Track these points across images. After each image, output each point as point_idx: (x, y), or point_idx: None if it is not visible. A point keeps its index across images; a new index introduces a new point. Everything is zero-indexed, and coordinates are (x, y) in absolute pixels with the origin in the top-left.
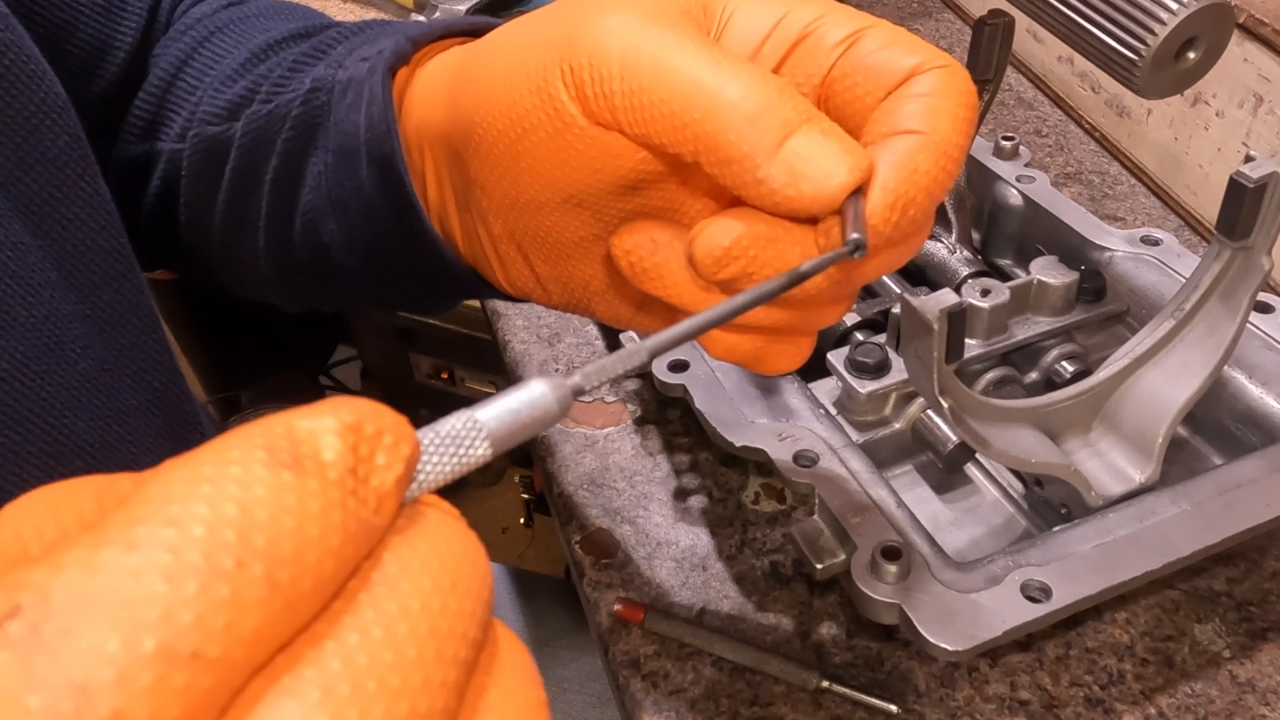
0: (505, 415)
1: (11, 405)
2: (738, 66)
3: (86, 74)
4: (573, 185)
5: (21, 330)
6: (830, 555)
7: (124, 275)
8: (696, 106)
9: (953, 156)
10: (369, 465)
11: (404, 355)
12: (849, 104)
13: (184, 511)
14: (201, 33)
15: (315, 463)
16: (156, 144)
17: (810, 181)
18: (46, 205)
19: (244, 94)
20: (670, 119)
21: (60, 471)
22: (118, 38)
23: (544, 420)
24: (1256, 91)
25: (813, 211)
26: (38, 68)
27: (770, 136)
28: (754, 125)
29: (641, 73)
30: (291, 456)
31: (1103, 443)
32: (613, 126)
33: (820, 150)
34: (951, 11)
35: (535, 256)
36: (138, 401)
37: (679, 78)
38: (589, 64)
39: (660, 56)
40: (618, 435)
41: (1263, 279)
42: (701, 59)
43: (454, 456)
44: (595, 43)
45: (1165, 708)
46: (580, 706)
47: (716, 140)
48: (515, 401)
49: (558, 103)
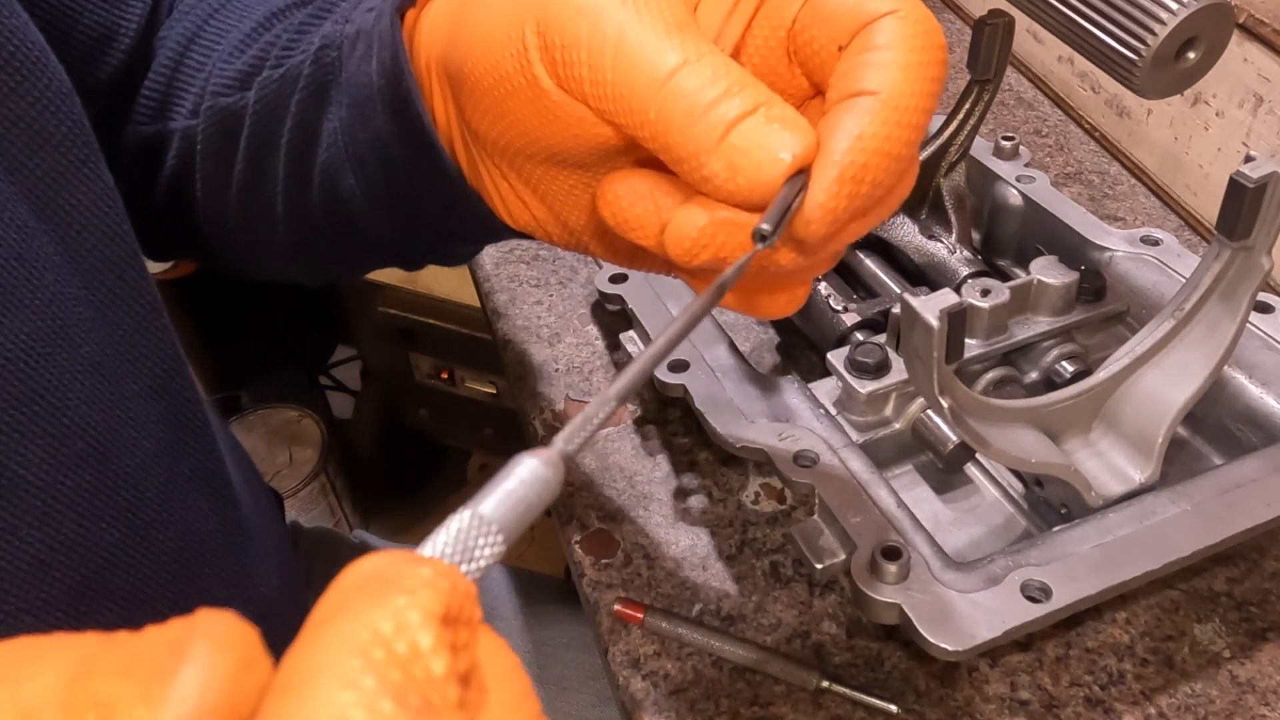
0: (508, 501)
1: (16, 386)
2: (694, 60)
3: (92, 60)
4: (554, 145)
5: (26, 312)
6: (830, 555)
7: (127, 261)
8: (650, 105)
9: (908, 109)
10: (460, 655)
11: (404, 355)
12: (810, 58)
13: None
14: (205, 10)
15: (439, 692)
16: (168, 124)
17: (745, 174)
18: (51, 190)
19: (254, 62)
20: (630, 113)
21: (63, 452)
22: (123, 23)
23: (544, 493)
24: (1256, 91)
25: (754, 202)
26: (42, 54)
27: (712, 134)
28: (698, 125)
29: (604, 64)
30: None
31: (1103, 443)
32: (583, 102)
33: (758, 141)
34: (951, 11)
35: (530, 200)
36: (139, 387)
37: (637, 74)
38: (560, 44)
39: (622, 48)
40: (618, 435)
41: (1263, 279)
42: (661, 51)
43: (474, 563)
44: (566, 24)
45: (1165, 708)
46: (580, 706)
47: (667, 140)
48: (512, 484)
49: (534, 72)
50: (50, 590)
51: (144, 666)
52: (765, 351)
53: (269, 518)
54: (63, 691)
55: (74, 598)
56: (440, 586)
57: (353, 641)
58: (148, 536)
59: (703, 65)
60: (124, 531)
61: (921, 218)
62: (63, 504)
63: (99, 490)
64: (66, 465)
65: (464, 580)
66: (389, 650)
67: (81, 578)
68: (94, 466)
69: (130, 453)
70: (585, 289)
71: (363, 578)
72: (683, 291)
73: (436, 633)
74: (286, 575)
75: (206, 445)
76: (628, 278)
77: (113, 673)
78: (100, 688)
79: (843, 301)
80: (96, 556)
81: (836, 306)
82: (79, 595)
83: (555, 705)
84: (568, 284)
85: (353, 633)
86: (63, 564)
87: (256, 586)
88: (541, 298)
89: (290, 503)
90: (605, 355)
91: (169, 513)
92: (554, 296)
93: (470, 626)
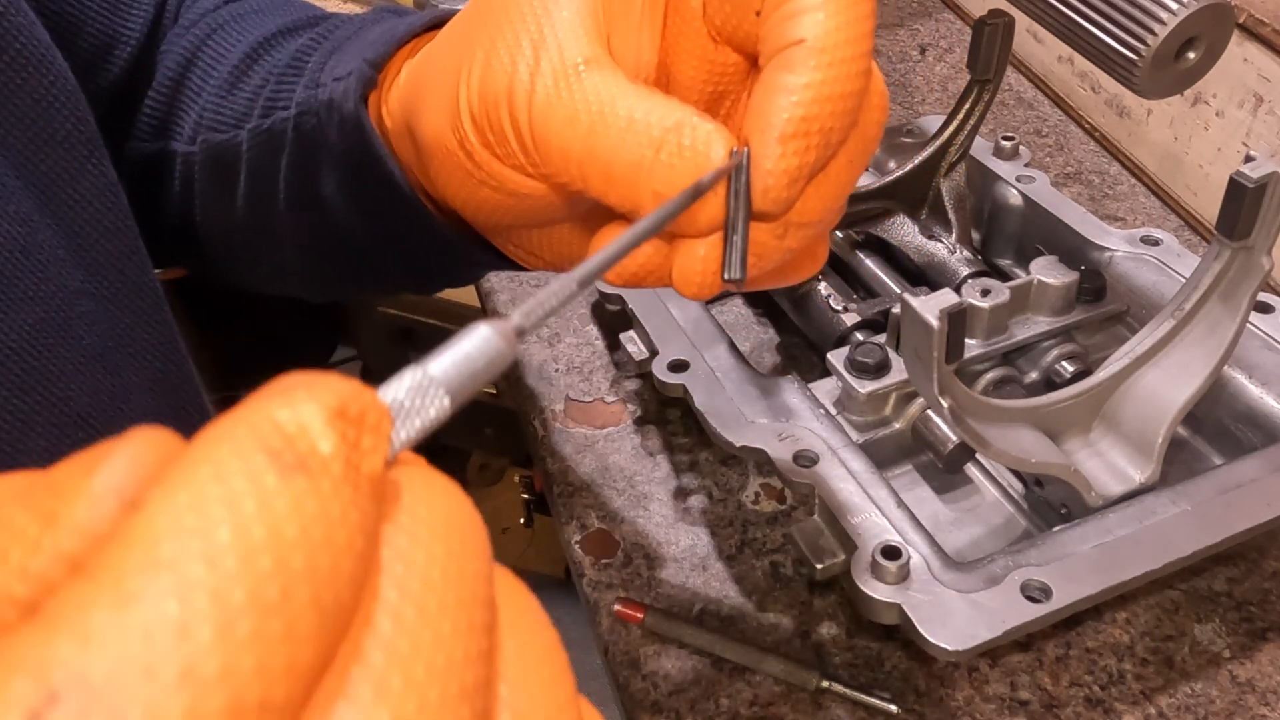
0: (457, 364)
1: (20, 376)
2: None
3: (94, 68)
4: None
5: (30, 303)
6: (830, 555)
7: (130, 255)
8: (570, 168)
9: (839, 45)
10: (359, 451)
11: (404, 355)
12: (733, 34)
13: (209, 544)
14: (204, 30)
15: (319, 461)
16: (170, 144)
17: (681, 220)
18: (56, 184)
19: (244, 105)
20: (558, 174)
21: (65, 442)
22: (125, 33)
23: (495, 363)
24: (1256, 91)
25: (699, 232)
26: (47, 52)
27: (643, 189)
28: (624, 187)
29: (524, 135)
30: (296, 458)
31: (1103, 443)
32: (519, 170)
33: (676, 179)
34: (951, 11)
35: (535, 254)
36: (140, 379)
37: (566, 139)
38: (485, 116)
39: (534, 118)
40: (618, 435)
41: (1263, 279)
42: (567, 113)
43: (418, 416)
44: (486, 92)
45: (1165, 708)
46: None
47: (604, 199)
48: (463, 349)
49: (473, 150)
50: None
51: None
52: (765, 351)
53: None
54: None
55: None
56: (341, 390)
57: (244, 418)
58: None
59: (605, 114)
60: None
61: (921, 218)
62: None
63: None
64: (68, 456)
65: (370, 394)
66: (276, 425)
67: None
68: None
69: None
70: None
71: (273, 385)
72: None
73: (327, 418)
74: None
75: None
76: None
77: (62, 468)
78: (50, 477)
79: (843, 301)
80: None
81: (836, 306)
82: None
83: None
84: None
85: (246, 414)
86: None
87: None
88: None
89: None
90: (605, 355)
91: None
92: None
93: (376, 433)
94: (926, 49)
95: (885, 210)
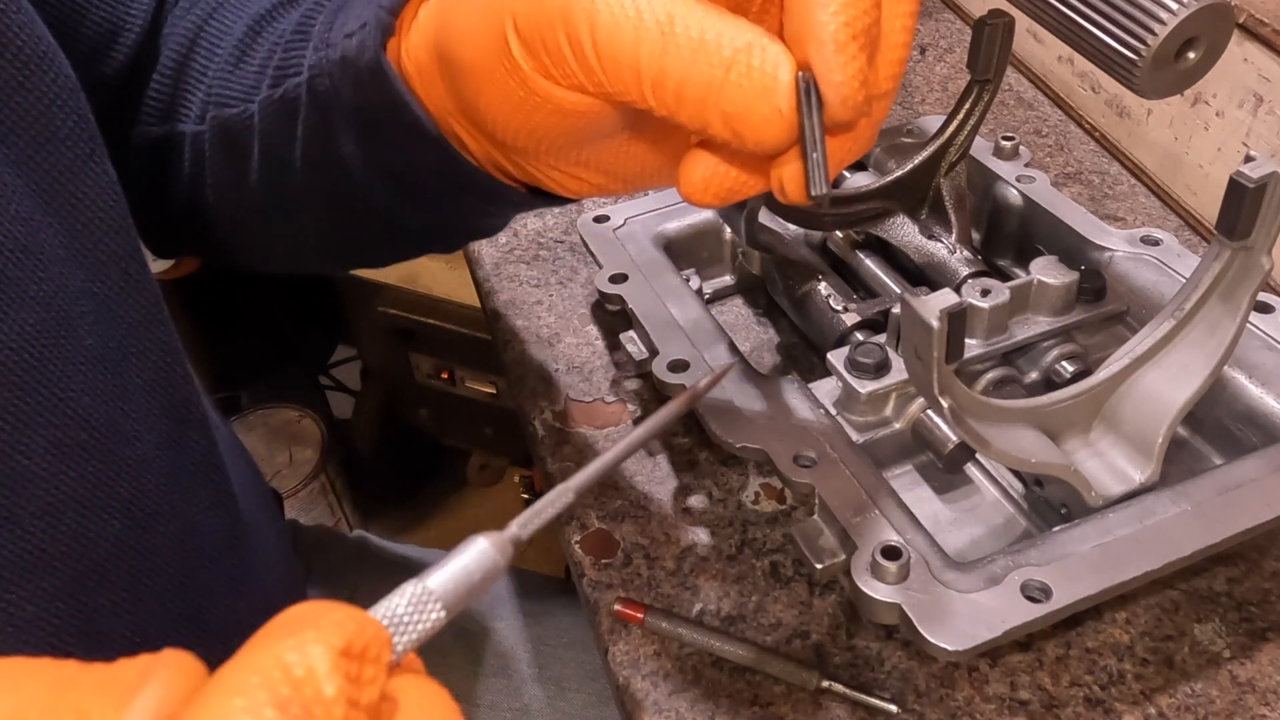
0: (455, 578)
1: (20, 376)
2: (668, 28)
3: (98, 56)
4: (570, 130)
5: (32, 304)
6: (830, 555)
7: (130, 255)
8: (644, 87)
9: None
10: (360, 685)
11: (404, 355)
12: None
13: None
14: (205, 10)
15: (323, 708)
16: (177, 125)
17: (750, 140)
18: (57, 184)
19: (252, 79)
20: (630, 95)
21: (66, 443)
22: (128, 20)
23: (491, 575)
24: (1256, 91)
25: (768, 151)
26: (49, 50)
27: (712, 109)
28: (694, 106)
29: (587, 55)
30: (302, 709)
31: (1103, 443)
32: (580, 91)
33: (747, 100)
34: (951, 11)
35: (583, 173)
36: (141, 380)
37: (622, 61)
38: (541, 41)
39: (599, 35)
40: (618, 435)
41: (1263, 279)
42: (635, 31)
43: (415, 629)
44: (540, 17)
45: (1165, 708)
46: (580, 706)
47: (673, 117)
48: (461, 563)
49: (526, 76)
50: (52, 580)
51: (116, 684)
52: (765, 351)
53: (268, 515)
54: (47, 699)
55: (75, 588)
56: (346, 626)
57: (256, 663)
58: (148, 529)
59: (676, 34)
60: (125, 523)
61: (921, 218)
62: (65, 495)
63: (101, 482)
64: (69, 456)
65: (375, 626)
66: (286, 671)
67: (83, 569)
68: (96, 458)
69: (132, 445)
70: (585, 289)
71: (287, 617)
72: (683, 292)
73: (332, 660)
74: (285, 572)
75: (206, 440)
76: (628, 278)
77: (89, 687)
78: (78, 698)
79: (843, 301)
80: (98, 548)
81: (836, 306)
82: (80, 586)
83: (555, 705)
84: (568, 284)
85: (259, 657)
86: (64, 555)
87: (256, 581)
88: (541, 298)
89: (290, 503)
90: (605, 355)
91: (169, 505)
92: (554, 296)
93: (377, 664)
94: (926, 49)
95: (885, 210)
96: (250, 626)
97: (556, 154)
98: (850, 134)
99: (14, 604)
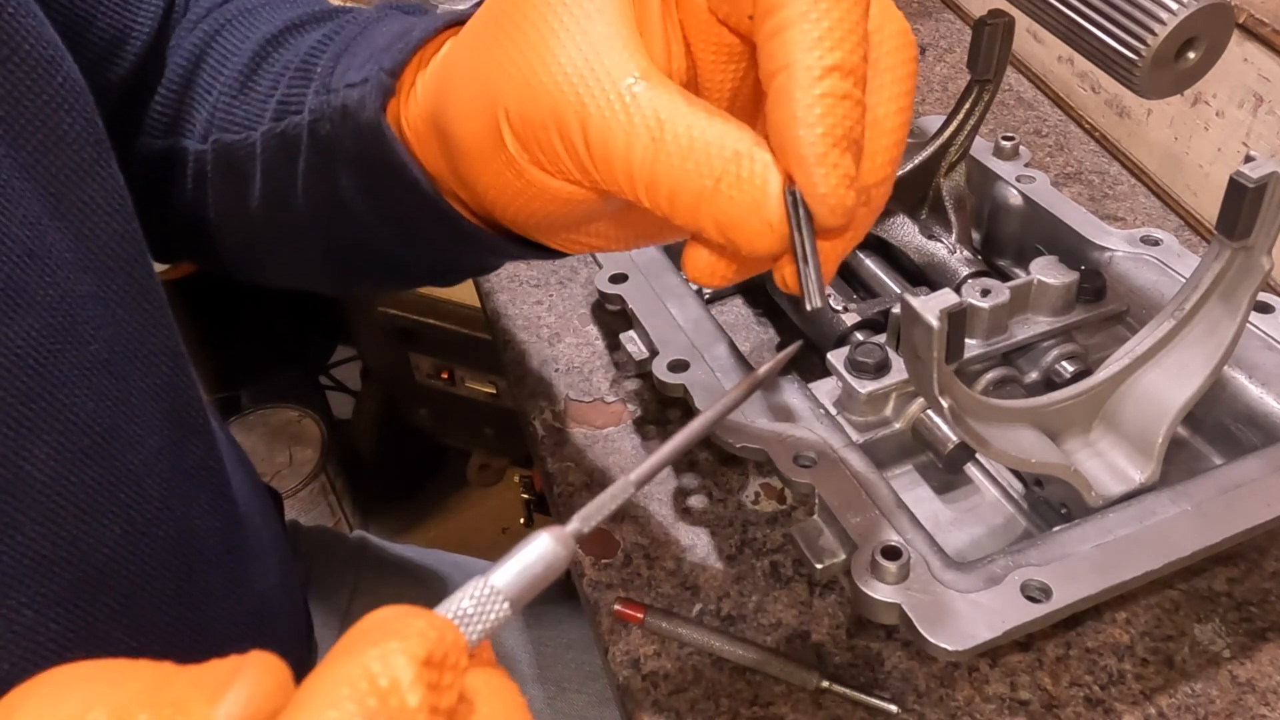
0: (518, 574)
1: (25, 382)
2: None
3: (105, 63)
4: (560, 214)
5: (38, 308)
6: (830, 555)
7: (136, 259)
8: (641, 194)
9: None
10: (439, 691)
11: (404, 355)
12: (737, 26)
13: None
14: (212, 26)
15: (408, 717)
16: (181, 140)
17: (744, 248)
18: (65, 187)
19: (256, 108)
20: (622, 189)
21: (68, 448)
22: (135, 28)
23: (554, 568)
24: (1256, 91)
25: (764, 257)
26: (57, 53)
27: (705, 217)
28: (687, 212)
29: (579, 151)
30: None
31: (1103, 443)
32: (573, 183)
33: (738, 212)
34: (951, 11)
35: (581, 239)
36: (145, 384)
37: (613, 160)
38: (533, 136)
39: (591, 135)
40: (618, 435)
41: (1263, 279)
42: (625, 132)
43: (482, 622)
44: (532, 112)
45: (1165, 708)
46: (580, 706)
47: (670, 219)
48: (524, 559)
49: (521, 169)
50: (51, 586)
51: (209, 681)
52: (765, 351)
53: (266, 517)
54: (147, 695)
55: (75, 593)
56: (428, 635)
57: (346, 674)
58: (148, 534)
59: (666, 140)
60: (125, 528)
61: (921, 218)
62: (66, 500)
63: (102, 486)
64: (71, 461)
65: (454, 631)
66: (372, 682)
67: (82, 574)
68: (98, 463)
69: (134, 450)
70: (585, 289)
71: (371, 624)
72: (683, 292)
73: (416, 671)
74: (284, 574)
75: (207, 444)
76: (628, 278)
77: (185, 684)
78: (175, 693)
79: (843, 301)
80: (97, 553)
81: (836, 306)
82: (80, 591)
83: (555, 705)
84: (568, 284)
85: (348, 667)
86: (64, 560)
87: (254, 584)
88: (541, 298)
89: (290, 503)
90: (605, 355)
91: (169, 510)
92: (554, 296)
93: (455, 670)
94: (926, 49)
95: (885, 210)
96: (247, 629)
97: (556, 230)
98: (849, 229)
99: (13, 609)
